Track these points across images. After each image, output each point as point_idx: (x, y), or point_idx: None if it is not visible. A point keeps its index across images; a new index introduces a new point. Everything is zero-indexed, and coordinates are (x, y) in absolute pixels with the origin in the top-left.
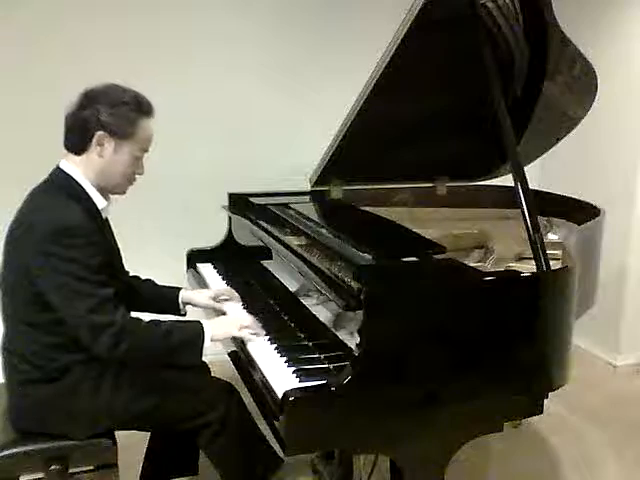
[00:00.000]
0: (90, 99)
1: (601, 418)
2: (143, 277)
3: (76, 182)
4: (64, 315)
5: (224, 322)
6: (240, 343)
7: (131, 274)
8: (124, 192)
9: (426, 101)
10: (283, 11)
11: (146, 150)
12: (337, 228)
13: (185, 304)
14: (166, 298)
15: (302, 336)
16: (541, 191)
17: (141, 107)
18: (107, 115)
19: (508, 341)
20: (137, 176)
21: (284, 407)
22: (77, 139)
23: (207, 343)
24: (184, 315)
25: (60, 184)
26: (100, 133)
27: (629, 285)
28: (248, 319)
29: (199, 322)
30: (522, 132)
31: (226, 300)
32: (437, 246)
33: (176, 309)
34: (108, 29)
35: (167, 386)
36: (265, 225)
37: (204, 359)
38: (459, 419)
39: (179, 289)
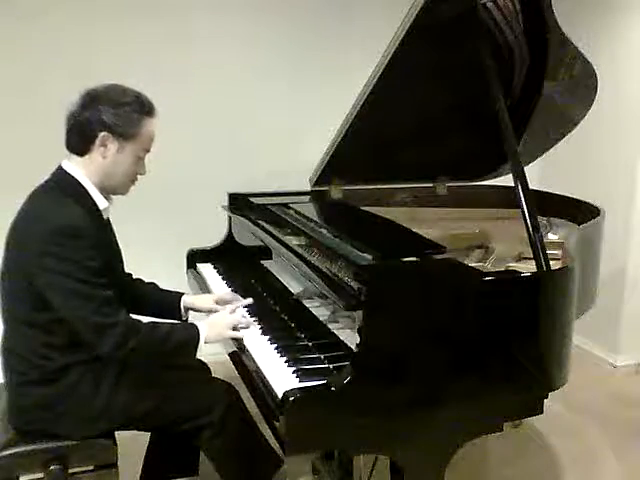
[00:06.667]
0: (92, 100)
1: (601, 418)
2: (146, 280)
3: (78, 183)
4: (66, 315)
5: (216, 324)
6: (239, 343)
7: (134, 277)
8: (126, 192)
9: (426, 101)
10: (283, 11)
11: (148, 150)
12: (337, 228)
13: (187, 309)
14: (168, 303)
15: (302, 336)
16: (541, 191)
17: (143, 107)
18: (110, 116)
19: (508, 341)
20: (139, 176)
21: (284, 407)
22: (80, 140)
23: (201, 344)
24: (185, 321)
25: (62, 185)
26: (103, 134)
27: (629, 285)
28: (237, 316)
29: (195, 325)
30: (522, 132)
31: (228, 303)
32: (437, 246)
33: (177, 314)
34: (110, 30)
35: (167, 386)
36: (265, 225)
37: (204, 359)
38: (459, 419)
39: (181, 294)
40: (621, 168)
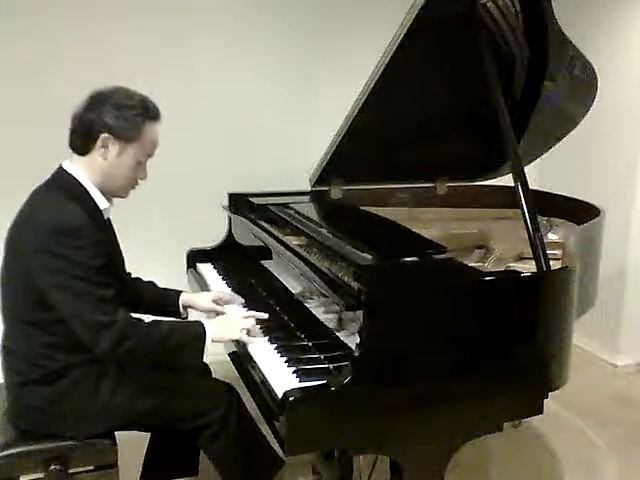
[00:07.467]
0: (97, 101)
1: (601, 418)
2: (145, 279)
3: (78, 183)
4: (64, 314)
5: (225, 323)
6: (240, 343)
7: (133, 276)
8: (125, 196)
9: (426, 101)
10: (283, 12)
11: (150, 155)
12: (337, 228)
13: (185, 307)
14: (166, 301)
15: (302, 336)
16: (541, 191)
17: (147, 111)
18: (112, 118)
19: (508, 341)
20: (139, 181)
21: (284, 407)
22: (82, 140)
23: (208, 343)
24: (185, 318)
25: (62, 184)
26: (105, 135)
27: (629, 285)
28: (249, 322)
29: (200, 323)
30: (522, 132)
31: (227, 303)
32: (437, 246)
33: (176, 312)
34: (110, 30)
35: (167, 387)
36: (265, 225)
37: (204, 359)
38: (459, 419)
39: (180, 292)
40: (621, 168)
